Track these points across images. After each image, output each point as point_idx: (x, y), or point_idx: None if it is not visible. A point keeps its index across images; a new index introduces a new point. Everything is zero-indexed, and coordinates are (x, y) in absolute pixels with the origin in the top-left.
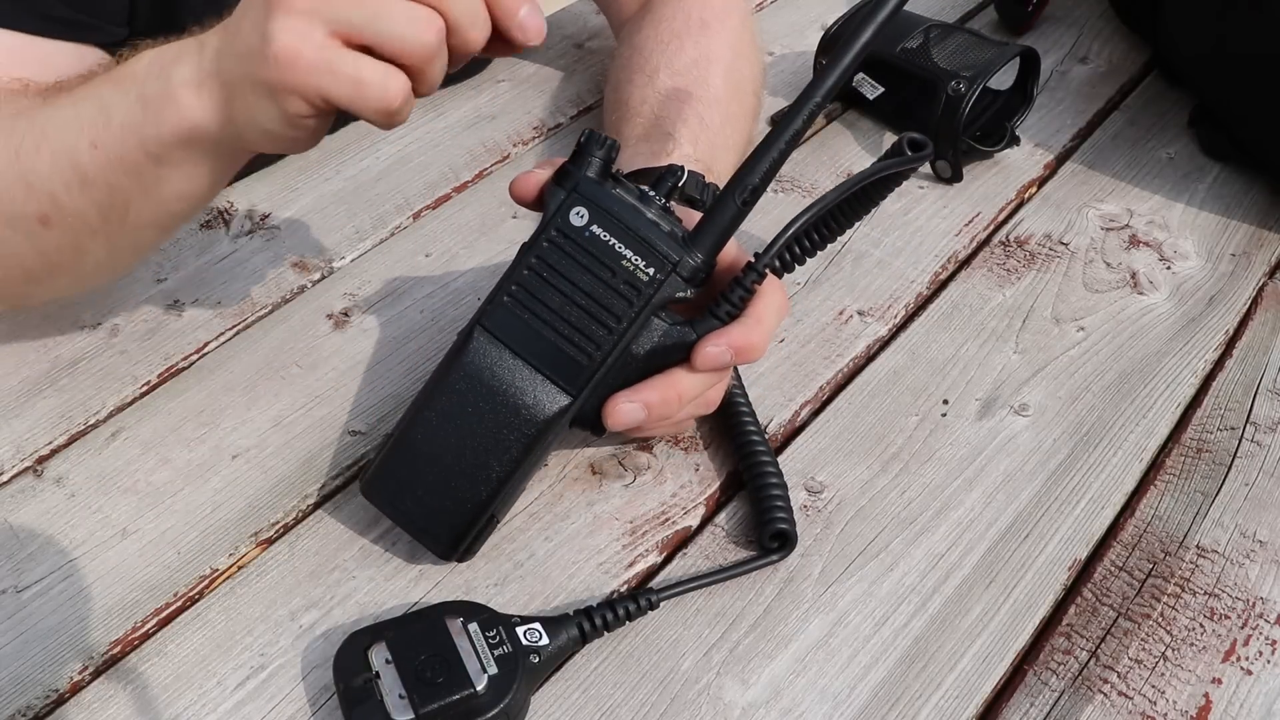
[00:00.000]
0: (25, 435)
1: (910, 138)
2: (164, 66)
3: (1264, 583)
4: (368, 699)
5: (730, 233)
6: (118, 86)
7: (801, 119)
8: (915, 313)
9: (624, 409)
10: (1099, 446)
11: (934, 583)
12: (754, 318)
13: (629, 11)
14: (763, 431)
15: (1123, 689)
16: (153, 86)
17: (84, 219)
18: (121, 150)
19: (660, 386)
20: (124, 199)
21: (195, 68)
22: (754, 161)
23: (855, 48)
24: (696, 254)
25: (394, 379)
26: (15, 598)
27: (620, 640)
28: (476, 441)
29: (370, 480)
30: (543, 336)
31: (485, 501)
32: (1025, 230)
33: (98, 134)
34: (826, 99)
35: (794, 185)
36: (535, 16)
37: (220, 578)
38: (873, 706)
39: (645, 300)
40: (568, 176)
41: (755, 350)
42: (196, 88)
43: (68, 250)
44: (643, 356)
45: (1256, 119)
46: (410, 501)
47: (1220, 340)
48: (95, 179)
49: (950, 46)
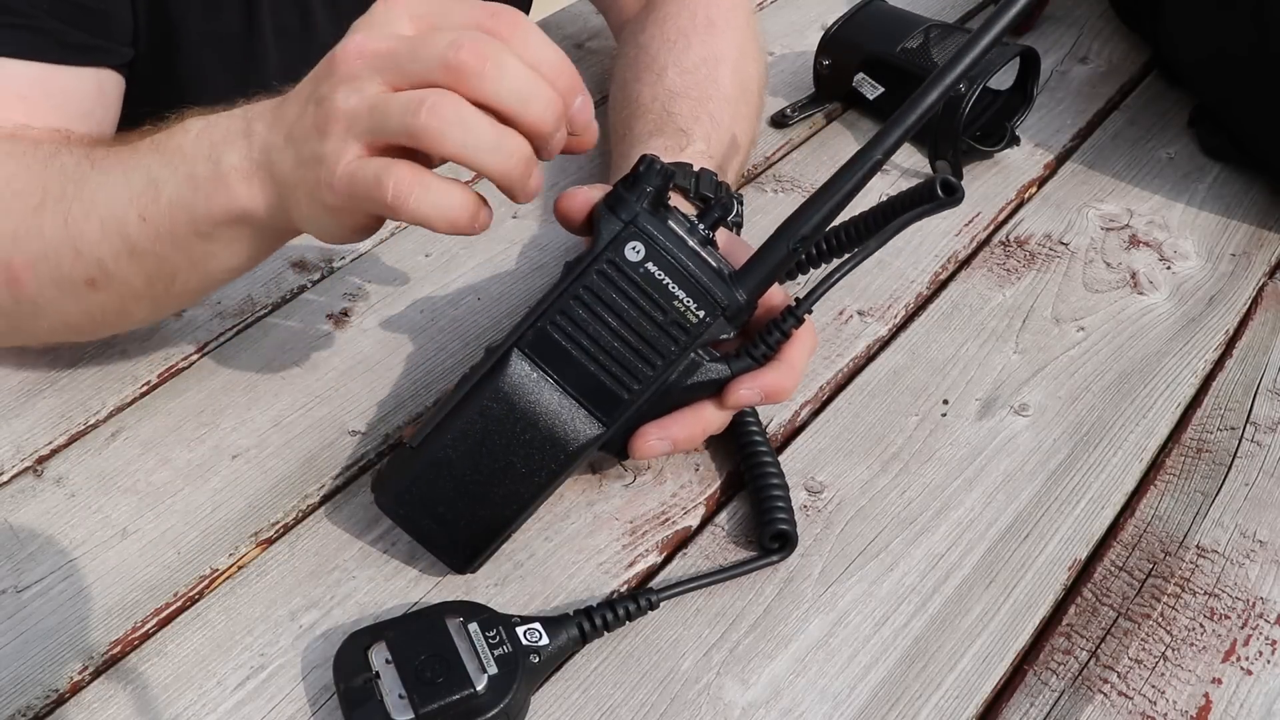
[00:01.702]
0: (25, 435)
1: (944, 180)
2: (213, 146)
3: (1264, 583)
4: (368, 699)
5: (775, 277)
6: (167, 162)
7: (862, 173)
8: (915, 313)
9: (653, 444)
10: (1099, 446)
11: (934, 583)
12: (787, 363)
13: (630, 12)
14: (764, 431)
15: (1123, 689)
16: (203, 168)
17: (130, 285)
18: (170, 226)
19: (688, 423)
20: (171, 269)
21: (244, 157)
22: (809, 208)
23: (921, 106)
24: (741, 293)
25: (394, 379)
26: (15, 598)
27: (620, 640)
28: (505, 465)
29: (389, 493)
30: (583, 366)
31: (508, 523)
32: (1025, 230)
33: (147, 207)
34: (888, 155)
35: (794, 185)
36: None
37: (220, 578)
38: (873, 706)
39: (691, 341)
40: (623, 204)
41: (785, 394)
42: (247, 179)
43: (113, 312)
44: (675, 389)
45: (1256, 119)
46: (430, 519)
47: (1220, 340)
48: (144, 250)
49: (950, 46)
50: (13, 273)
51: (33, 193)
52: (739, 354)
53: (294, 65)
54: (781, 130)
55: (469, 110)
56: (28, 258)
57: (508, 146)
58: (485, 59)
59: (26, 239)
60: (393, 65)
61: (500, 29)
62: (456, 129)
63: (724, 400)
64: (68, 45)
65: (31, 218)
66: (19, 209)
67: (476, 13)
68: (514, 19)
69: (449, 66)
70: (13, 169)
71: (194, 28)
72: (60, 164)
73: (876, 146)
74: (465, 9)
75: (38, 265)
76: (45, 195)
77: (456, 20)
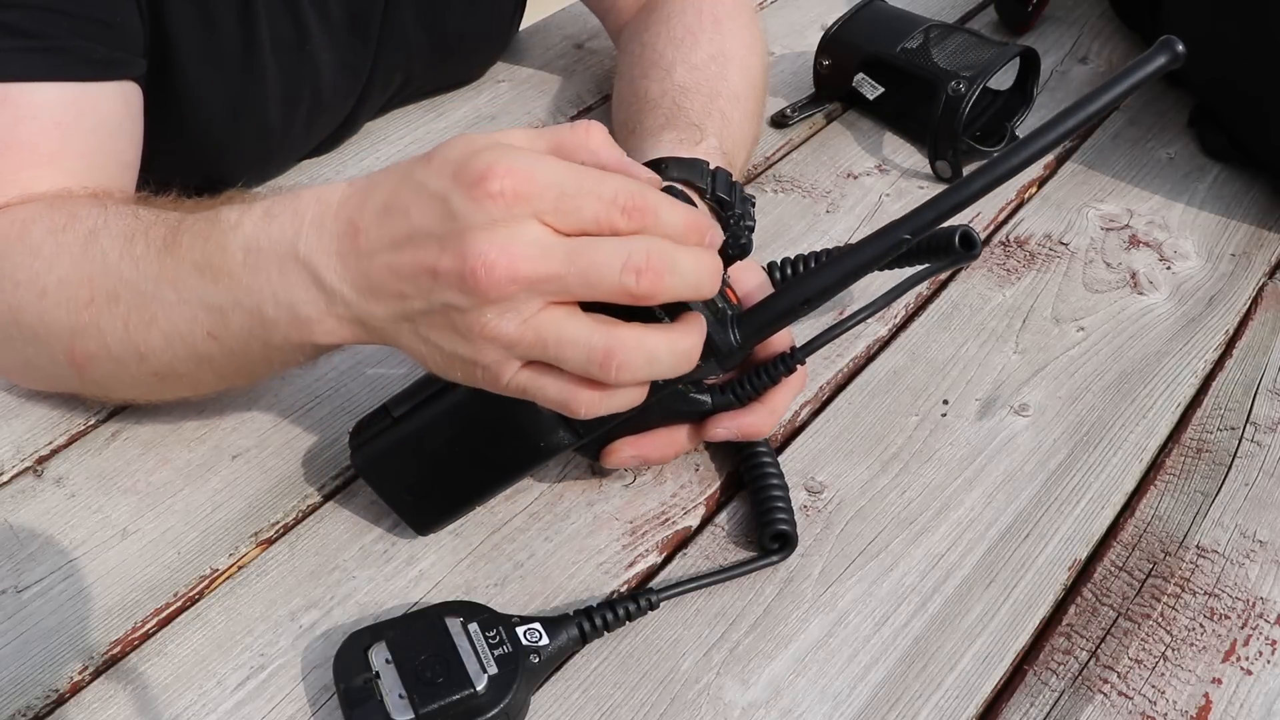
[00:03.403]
0: (25, 435)
1: (964, 233)
2: (275, 289)
3: (1264, 583)
4: (368, 699)
5: (776, 329)
6: (225, 290)
7: (884, 248)
8: (915, 313)
9: (624, 456)
10: (1099, 446)
11: (934, 583)
12: (769, 408)
13: (627, 15)
14: None
15: (1123, 689)
16: (272, 310)
17: (202, 380)
18: (244, 346)
19: (661, 444)
20: (241, 370)
21: (324, 312)
22: (826, 271)
23: (964, 194)
24: (738, 338)
25: (394, 379)
26: (15, 598)
27: (620, 640)
28: (478, 453)
29: (364, 455)
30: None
31: (471, 502)
32: (1025, 230)
33: (214, 328)
34: (918, 234)
35: (794, 185)
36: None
37: (220, 578)
38: (873, 706)
39: (680, 378)
40: None
41: (762, 435)
42: (335, 330)
43: (187, 392)
44: (654, 411)
45: (1256, 119)
46: (399, 486)
47: (1220, 340)
48: (215, 360)
49: (950, 46)
50: (75, 360)
51: (79, 284)
52: (723, 389)
53: (291, 78)
54: (781, 130)
55: (651, 345)
56: (88, 352)
57: (681, 351)
58: (662, 275)
59: (85, 336)
60: (560, 290)
61: (642, 208)
62: (644, 370)
63: (701, 432)
64: (94, 62)
65: (85, 314)
66: (68, 302)
67: (607, 206)
68: (642, 201)
69: (632, 294)
70: (53, 251)
71: (192, 41)
72: (101, 253)
73: (907, 223)
74: (593, 204)
75: (99, 360)
76: (93, 291)
77: (589, 218)
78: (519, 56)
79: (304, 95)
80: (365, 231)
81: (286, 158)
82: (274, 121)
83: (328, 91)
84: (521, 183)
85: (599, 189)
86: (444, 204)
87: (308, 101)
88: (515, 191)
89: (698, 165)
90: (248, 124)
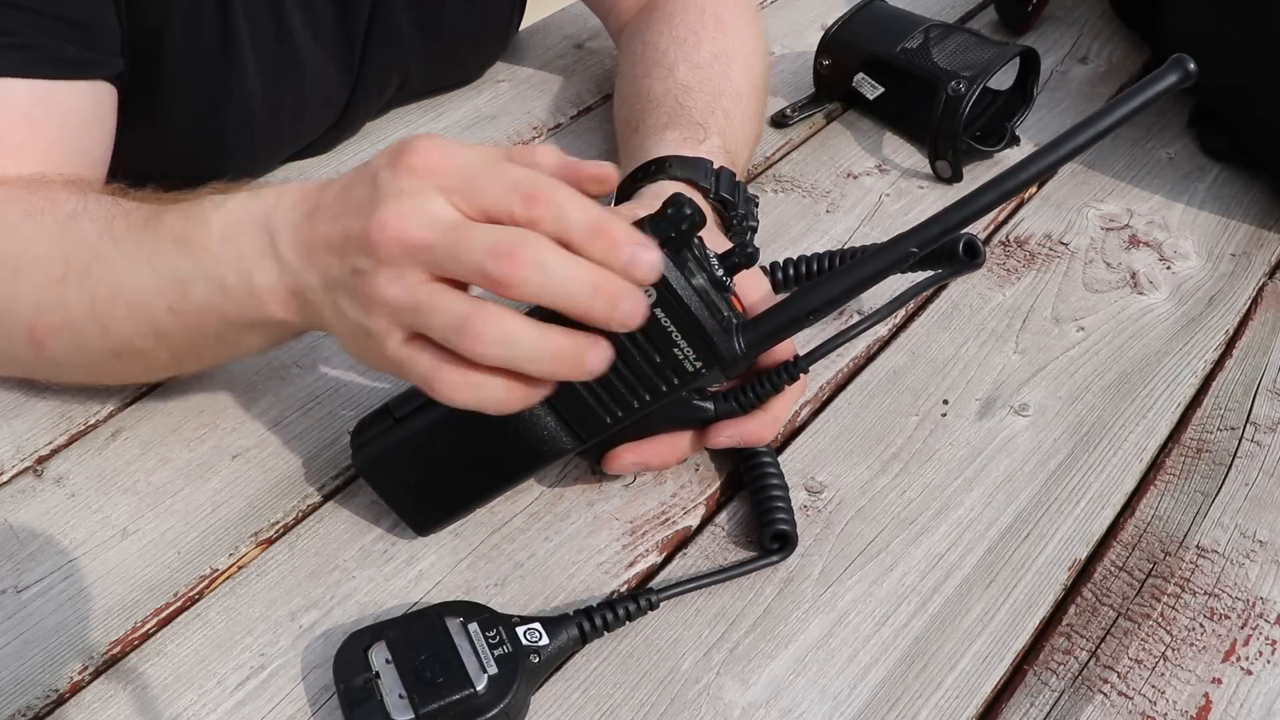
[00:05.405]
0: (25, 435)
1: (968, 242)
2: (240, 258)
3: (1264, 583)
4: (368, 699)
5: (781, 338)
6: (195, 262)
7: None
8: (915, 313)
9: (625, 462)
10: (1099, 446)
11: (934, 583)
12: (771, 415)
13: (628, 15)
14: None
15: (1123, 689)
16: (233, 279)
17: (157, 359)
18: (200, 321)
19: (663, 451)
20: (198, 350)
21: (276, 281)
22: (832, 282)
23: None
24: (742, 347)
25: (394, 379)
26: (15, 598)
27: (620, 640)
28: (478, 456)
29: (365, 455)
30: (573, 387)
31: (471, 504)
32: (1025, 230)
33: (176, 302)
34: (924, 248)
35: (794, 185)
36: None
37: (220, 578)
38: (873, 706)
39: (684, 386)
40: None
41: (764, 441)
42: (282, 302)
43: (138, 374)
44: (657, 418)
45: (1256, 119)
46: (399, 486)
47: (1220, 340)
48: (172, 335)
49: (950, 46)
50: (36, 336)
51: (54, 261)
52: (726, 396)
53: (271, 71)
54: (781, 130)
55: (510, 326)
56: (52, 326)
57: (550, 348)
58: (521, 266)
59: (50, 309)
60: (431, 261)
61: (541, 197)
62: (500, 348)
63: (703, 438)
64: (63, 60)
65: (55, 289)
66: (41, 278)
67: (508, 189)
68: (548, 192)
69: (489, 277)
70: (32, 232)
71: (174, 36)
72: (80, 232)
73: (913, 237)
74: (496, 185)
75: (62, 334)
76: (68, 268)
77: (489, 198)
78: (519, 56)
79: (287, 89)
80: (321, 206)
81: (273, 154)
82: (256, 115)
83: (312, 87)
84: (435, 159)
85: (505, 175)
86: (374, 178)
87: (291, 96)
88: (426, 166)
89: (701, 165)
90: (229, 117)
